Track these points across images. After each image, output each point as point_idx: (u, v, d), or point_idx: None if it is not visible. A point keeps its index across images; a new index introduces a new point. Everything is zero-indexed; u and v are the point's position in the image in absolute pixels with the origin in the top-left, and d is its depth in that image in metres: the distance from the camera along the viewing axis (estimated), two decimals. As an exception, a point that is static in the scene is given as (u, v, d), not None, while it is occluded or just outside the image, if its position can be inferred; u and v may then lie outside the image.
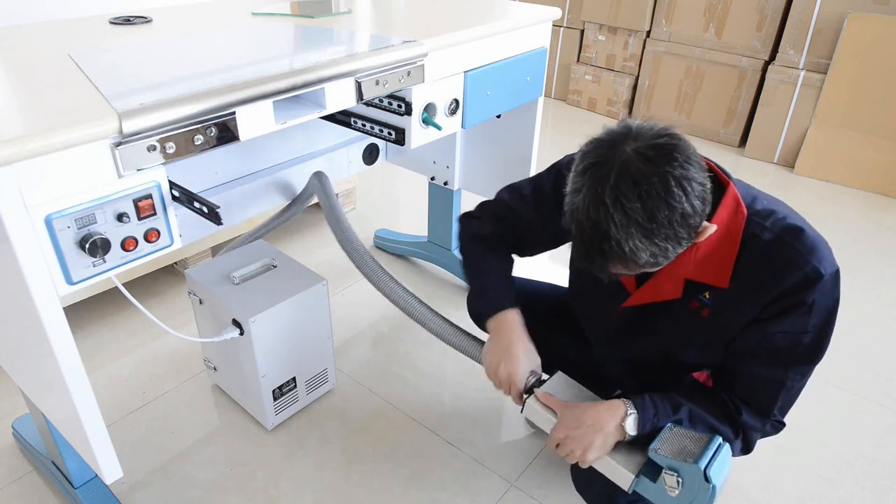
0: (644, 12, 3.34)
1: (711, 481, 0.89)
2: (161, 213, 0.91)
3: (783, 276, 0.89)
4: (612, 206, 0.78)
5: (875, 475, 1.47)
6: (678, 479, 0.92)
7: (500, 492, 1.40)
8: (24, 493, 1.37)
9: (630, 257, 0.81)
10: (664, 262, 0.85)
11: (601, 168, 0.81)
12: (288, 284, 1.44)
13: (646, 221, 0.78)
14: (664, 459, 0.93)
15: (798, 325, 0.91)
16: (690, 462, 0.90)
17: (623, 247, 0.80)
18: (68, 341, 0.85)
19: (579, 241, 0.84)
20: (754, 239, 0.91)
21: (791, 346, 0.93)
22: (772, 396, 0.97)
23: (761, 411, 0.98)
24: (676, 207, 0.78)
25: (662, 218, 0.78)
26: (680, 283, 0.97)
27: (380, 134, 1.35)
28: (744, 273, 0.92)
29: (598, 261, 0.84)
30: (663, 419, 0.98)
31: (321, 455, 1.48)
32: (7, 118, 0.81)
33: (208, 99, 0.91)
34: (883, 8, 2.69)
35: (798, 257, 0.89)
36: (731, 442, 0.98)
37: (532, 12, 1.51)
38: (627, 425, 0.97)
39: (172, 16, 1.47)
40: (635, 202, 0.78)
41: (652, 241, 0.80)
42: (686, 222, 0.80)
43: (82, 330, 1.84)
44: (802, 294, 0.89)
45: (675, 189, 0.78)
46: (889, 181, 2.78)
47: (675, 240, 0.81)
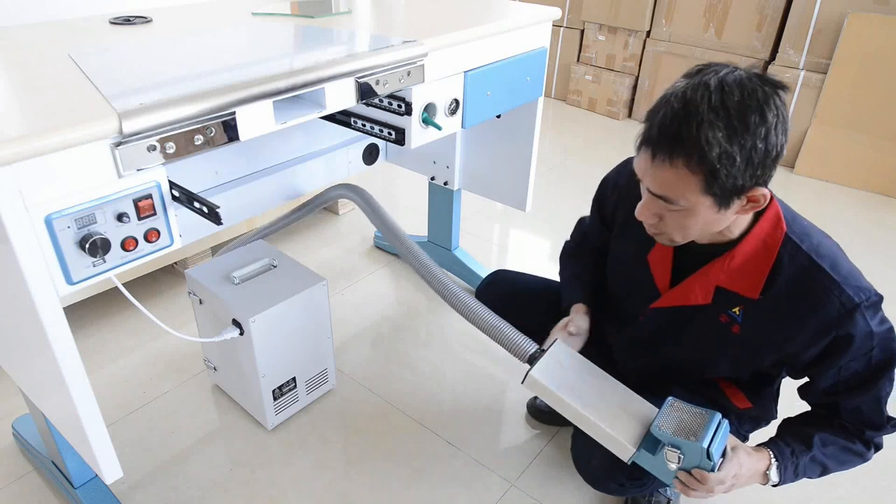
0: (644, 12, 3.34)
1: (713, 458, 0.92)
2: (161, 213, 0.91)
3: (818, 303, 0.91)
4: (714, 90, 0.79)
5: (875, 475, 1.46)
6: (680, 455, 0.93)
7: (500, 492, 1.40)
8: (24, 493, 1.37)
9: (701, 146, 0.79)
10: (717, 186, 0.82)
11: (709, 69, 0.83)
12: (288, 284, 1.44)
13: (736, 115, 0.79)
14: (667, 436, 0.94)
15: (862, 348, 0.93)
16: (693, 440, 0.92)
17: (703, 131, 0.79)
18: (68, 341, 0.85)
19: (659, 121, 0.83)
20: (789, 259, 0.93)
21: (867, 364, 0.95)
22: (878, 412, 0.99)
23: (876, 427, 1.01)
24: (768, 121, 0.80)
25: (752, 123, 0.79)
26: (711, 289, 0.99)
27: (380, 134, 1.35)
28: (776, 291, 0.94)
29: (668, 143, 0.82)
30: (801, 457, 1.01)
31: (321, 455, 1.48)
32: (7, 118, 0.81)
33: (208, 99, 0.91)
34: (883, 8, 2.69)
35: (832, 285, 0.90)
36: (865, 454, 1.02)
37: (532, 12, 1.51)
38: (771, 473, 1.01)
39: (172, 16, 1.47)
40: (735, 94, 0.79)
41: (730, 139, 0.79)
42: (766, 145, 0.80)
43: (82, 330, 1.84)
44: (847, 327, 0.91)
45: (773, 109, 0.80)
46: (889, 181, 2.78)
47: (746, 158, 0.80)
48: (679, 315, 1.05)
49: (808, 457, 1.01)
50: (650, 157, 0.85)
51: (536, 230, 2.47)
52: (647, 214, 0.92)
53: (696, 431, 0.93)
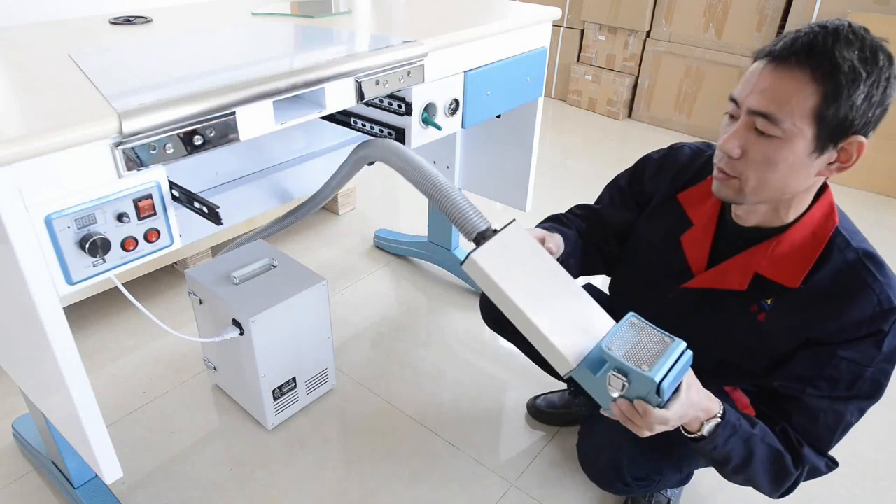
0: (644, 12, 3.34)
1: (663, 396, 0.80)
2: (161, 213, 0.91)
3: (855, 298, 0.88)
4: (853, 25, 0.80)
5: (875, 475, 1.46)
6: (625, 382, 0.81)
7: (500, 492, 1.40)
8: (24, 493, 1.37)
9: (832, 59, 0.78)
10: (838, 105, 0.79)
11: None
12: (288, 284, 1.44)
13: (869, 49, 0.79)
14: (615, 359, 0.81)
15: (865, 356, 0.89)
16: (645, 370, 0.79)
17: (839, 47, 0.78)
18: (68, 341, 0.85)
19: (794, 34, 0.82)
20: (837, 252, 0.90)
21: (851, 379, 0.91)
22: (831, 429, 0.94)
23: (820, 447, 0.96)
24: (894, 64, 0.80)
25: (881, 61, 0.79)
26: (749, 275, 0.95)
27: (380, 134, 1.35)
28: (817, 283, 0.91)
29: (801, 50, 0.80)
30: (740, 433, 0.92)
31: (321, 455, 1.48)
32: (7, 118, 0.81)
33: (208, 99, 0.91)
34: (883, 8, 2.69)
35: (875, 284, 0.88)
36: (790, 475, 0.95)
37: (532, 12, 1.51)
38: (706, 427, 0.90)
39: (172, 16, 1.47)
40: (871, 37, 0.80)
41: (860, 62, 0.78)
42: (885, 89, 0.80)
43: (82, 330, 1.84)
44: (876, 324, 0.88)
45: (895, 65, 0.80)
46: (889, 181, 2.78)
47: (867, 88, 0.79)
48: (709, 299, 1.02)
49: (748, 434, 0.93)
50: (770, 66, 0.82)
51: (536, 230, 2.46)
52: (733, 144, 0.85)
53: (650, 360, 0.81)
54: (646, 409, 0.81)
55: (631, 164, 1.21)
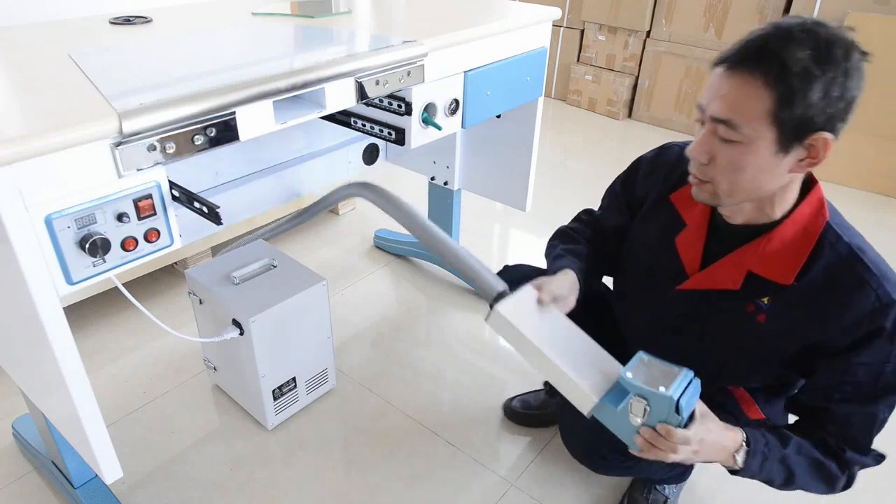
0: (644, 12, 3.34)
1: (682, 413, 0.85)
2: (161, 213, 0.91)
3: (853, 295, 0.87)
4: (807, 21, 0.80)
5: (875, 475, 1.46)
6: (647, 406, 0.87)
7: (500, 492, 1.40)
8: (24, 493, 1.37)
9: (785, 59, 0.78)
10: (793, 107, 0.79)
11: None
12: (288, 284, 1.44)
13: (823, 45, 0.78)
14: (635, 385, 0.87)
15: (879, 355, 0.89)
16: (664, 390, 0.85)
17: (789, 48, 0.78)
18: (68, 341, 0.85)
19: (745, 38, 0.82)
20: (829, 247, 0.89)
21: (874, 380, 0.90)
22: (867, 431, 0.95)
23: (860, 449, 0.96)
24: (852, 60, 0.79)
25: (837, 56, 0.78)
26: (742, 273, 0.95)
27: (380, 134, 1.35)
28: (811, 279, 0.90)
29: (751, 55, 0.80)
30: (773, 454, 0.94)
31: (321, 455, 1.48)
32: (7, 118, 0.81)
33: (208, 99, 0.91)
34: (883, 8, 2.69)
35: (870, 278, 0.87)
36: (838, 478, 0.96)
37: (532, 12, 1.51)
38: (738, 456, 0.93)
39: (172, 16, 1.47)
40: (826, 30, 0.79)
41: (814, 62, 0.77)
42: (843, 83, 0.79)
43: (82, 330, 1.84)
44: (879, 320, 0.87)
45: (856, 55, 0.80)
46: (889, 181, 2.78)
47: (824, 85, 0.78)
48: (705, 300, 1.01)
49: (780, 455, 0.94)
50: (725, 72, 0.83)
51: (536, 230, 2.47)
52: (701, 151, 0.87)
53: (665, 384, 0.86)
54: (668, 430, 0.85)
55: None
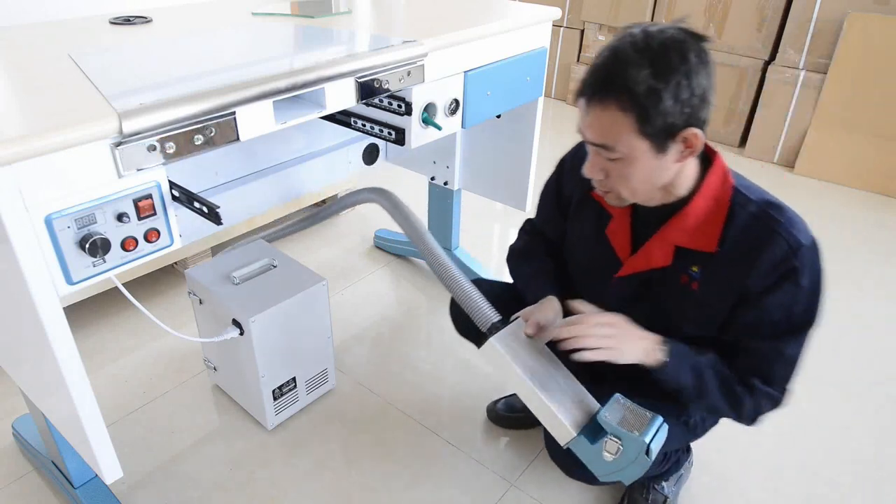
0: (644, 12, 3.34)
1: (651, 456, 0.93)
2: (161, 213, 0.91)
3: (766, 245, 0.94)
4: (638, 36, 0.86)
5: (875, 475, 1.47)
6: (619, 446, 0.95)
7: (500, 492, 1.40)
8: (24, 493, 1.37)
9: (628, 84, 0.85)
10: (651, 125, 0.86)
11: (638, 24, 0.90)
12: (288, 284, 1.44)
13: (659, 57, 0.84)
14: (611, 426, 0.95)
15: (789, 296, 0.96)
16: (636, 434, 0.94)
17: (630, 71, 0.84)
18: (68, 341, 0.85)
19: (591, 70, 0.90)
20: (740, 209, 0.97)
21: (787, 318, 0.97)
22: (772, 364, 1.01)
23: (765, 380, 1.02)
24: (689, 61, 0.84)
25: (674, 62, 0.84)
26: (670, 249, 1.02)
27: (380, 134, 1.35)
28: (730, 242, 0.97)
29: (599, 86, 0.88)
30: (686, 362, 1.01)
31: (321, 455, 1.48)
32: (7, 118, 0.81)
33: (208, 99, 0.91)
34: (883, 8, 2.69)
35: (778, 227, 0.94)
36: (741, 401, 1.01)
37: (532, 12, 1.51)
38: (660, 350, 1.00)
39: (172, 16, 1.47)
40: (656, 39, 0.85)
41: (655, 77, 0.84)
42: (689, 84, 0.85)
43: (82, 330, 1.84)
44: (789, 263, 0.94)
45: (694, 53, 0.85)
46: (889, 181, 2.78)
47: (672, 95, 0.85)
48: (643, 282, 1.08)
49: (695, 360, 1.01)
50: (585, 104, 0.91)
51: (536, 230, 2.46)
52: (594, 170, 0.97)
53: (638, 427, 0.95)
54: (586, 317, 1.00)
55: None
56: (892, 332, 1.93)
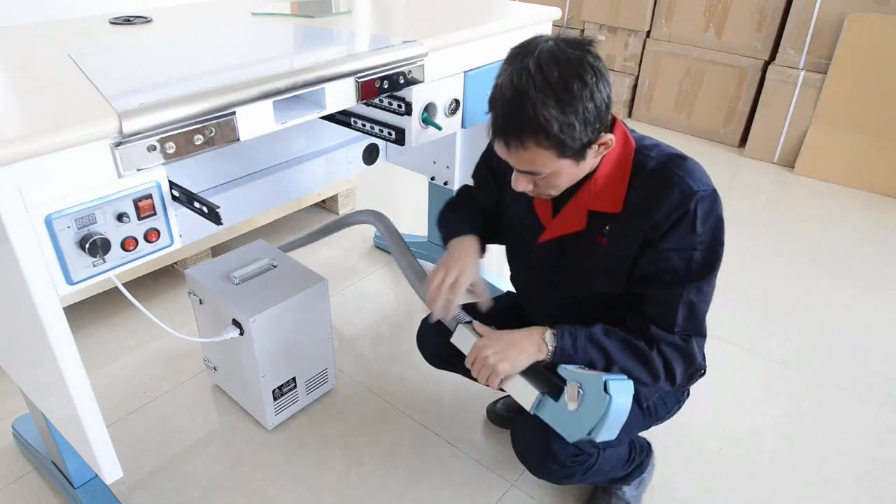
0: (644, 12, 3.34)
1: (609, 392, 0.94)
2: (161, 213, 0.91)
3: (662, 196, 0.98)
4: (535, 71, 0.88)
5: (875, 475, 1.47)
6: (579, 389, 0.97)
7: (500, 492, 1.40)
8: (24, 493, 1.37)
9: (543, 125, 0.88)
10: (568, 149, 0.92)
11: (525, 47, 0.92)
12: (288, 284, 1.44)
13: (561, 90, 0.87)
14: (570, 373, 0.99)
15: (685, 240, 0.98)
16: (593, 373, 0.97)
17: (539, 113, 0.88)
18: (68, 341, 0.85)
19: (500, 112, 0.93)
20: (641, 167, 1.01)
21: (686, 264, 1.00)
22: (672, 310, 1.02)
23: (666, 326, 1.03)
24: (588, 83, 0.88)
25: (576, 90, 0.88)
26: (583, 214, 1.06)
27: (380, 134, 1.35)
28: (633, 198, 1.01)
29: (514, 131, 0.92)
30: (579, 332, 1.03)
31: (321, 455, 1.48)
32: (7, 118, 0.82)
33: (208, 99, 0.91)
34: (883, 8, 2.69)
35: (674, 177, 0.98)
36: (648, 353, 1.02)
37: (532, 12, 1.51)
38: (548, 338, 1.03)
39: (172, 16, 1.47)
40: (554, 70, 0.88)
41: (563, 111, 0.88)
42: (595, 104, 0.89)
43: (82, 330, 1.84)
44: (683, 208, 0.97)
45: (589, 70, 0.88)
46: (889, 181, 2.78)
47: (583, 121, 0.89)
48: (564, 245, 1.12)
49: (588, 334, 1.03)
50: (505, 146, 0.95)
51: (536, 230, 2.46)
52: (522, 185, 1.02)
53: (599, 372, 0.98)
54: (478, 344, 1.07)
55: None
56: (892, 332, 1.93)
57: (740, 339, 1.87)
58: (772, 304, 2.05)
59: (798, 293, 2.11)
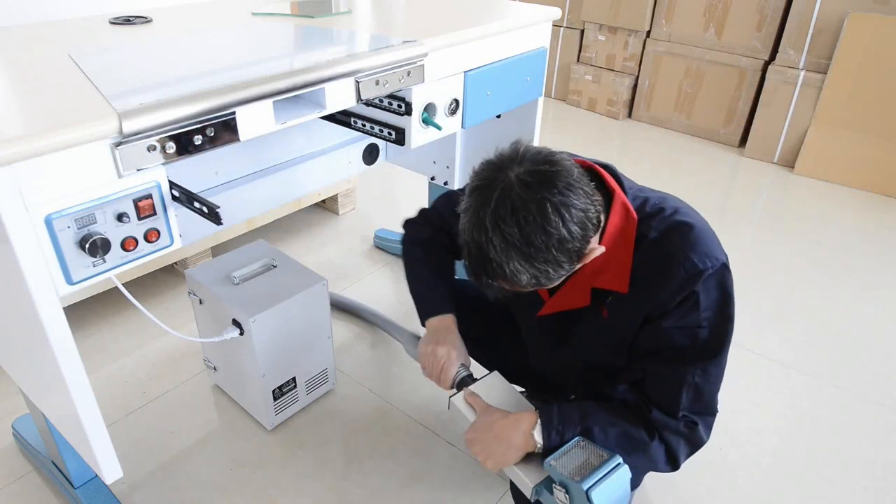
0: (644, 12, 3.34)
1: (593, 502, 0.89)
2: (161, 213, 0.91)
3: (666, 275, 0.92)
4: (492, 231, 0.82)
5: (875, 475, 1.47)
6: (566, 494, 0.92)
7: (500, 492, 1.40)
8: (24, 493, 1.37)
9: (511, 278, 0.84)
10: (548, 284, 0.88)
11: (485, 191, 0.84)
12: (288, 284, 1.44)
13: (523, 246, 0.81)
14: (556, 474, 0.93)
15: (689, 319, 0.93)
16: (577, 480, 0.90)
17: (504, 268, 0.83)
18: (68, 341, 0.85)
19: (467, 259, 0.88)
20: (643, 240, 0.94)
21: (691, 343, 0.94)
22: (675, 393, 0.96)
23: (669, 410, 0.97)
24: (553, 233, 0.81)
25: (539, 243, 0.81)
26: (586, 291, 1.00)
27: (380, 134, 1.35)
28: (636, 274, 0.95)
29: (484, 279, 0.88)
30: (570, 426, 0.98)
31: (321, 455, 1.48)
32: (7, 118, 0.81)
33: (208, 99, 0.91)
34: (883, 8, 2.69)
35: (677, 253, 0.92)
36: (648, 444, 0.97)
37: (532, 12, 1.51)
38: (536, 434, 0.98)
39: (172, 16, 1.47)
40: (513, 227, 0.81)
41: (531, 264, 0.83)
42: (564, 247, 0.83)
43: (82, 330, 1.84)
44: (686, 289, 0.91)
45: (552, 216, 0.81)
46: (889, 181, 2.78)
47: (555, 263, 0.84)
48: (566, 319, 1.08)
49: (580, 428, 0.98)
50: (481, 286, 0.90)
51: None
52: None
53: (584, 473, 0.91)
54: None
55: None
56: (892, 332, 1.93)
57: (740, 339, 1.87)
58: (772, 304, 2.05)
59: (798, 293, 2.11)
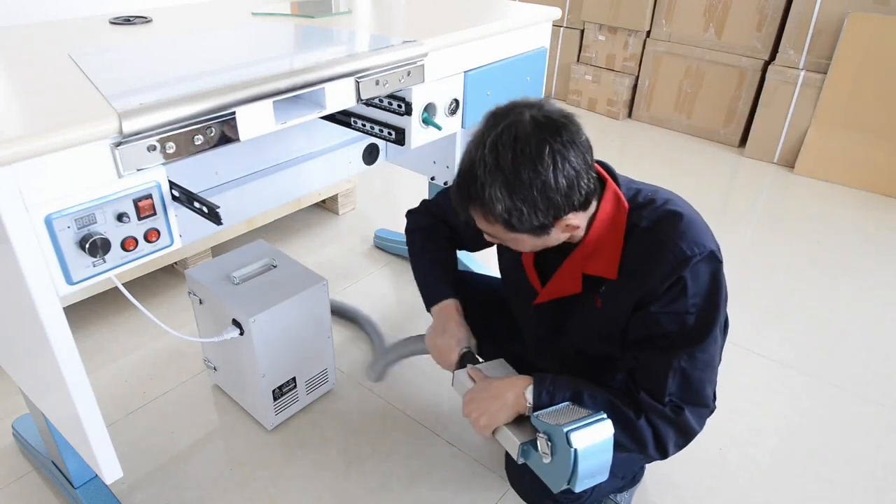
0: (644, 12, 3.34)
1: (572, 444, 0.89)
2: (161, 213, 0.91)
3: (655, 261, 0.94)
4: (488, 150, 0.86)
5: (875, 475, 1.47)
6: (548, 442, 0.93)
7: (500, 492, 1.40)
8: (24, 493, 1.37)
9: (488, 203, 0.87)
10: (517, 226, 0.89)
11: (498, 118, 0.89)
12: (288, 284, 1.44)
13: (510, 174, 0.84)
14: (540, 423, 0.95)
15: (677, 304, 0.94)
16: (558, 425, 0.91)
17: (486, 190, 0.86)
18: (68, 341, 0.85)
19: (457, 173, 0.92)
20: (634, 229, 0.97)
21: (678, 328, 0.95)
22: (662, 377, 0.97)
23: (655, 394, 0.98)
24: (541, 173, 0.84)
25: (525, 178, 0.84)
26: (578, 278, 1.03)
27: (380, 134, 1.35)
28: (627, 262, 0.97)
29: (463, 200, 0.91)
30: (560, 390, 1.00)
31: (321, 455, 1.48)
32: (7, 118, 0.82)
33: (208, 99, 0.91)
34: (883, 8, 2.69)
35: (667, 241, 0.93)
36: (634, 422, 0.97)
37: (532, 12, 1.51)
38: (527, 393, 1.01)
39: (172, 16, 1.47)
40: (508, 153, 0.84)
41: (510, 195, 0.85)
42: (545, 193, 0.85)
43: (82, 330, 1.84)
44: (675, 275, 0.93)
45: (547, 157, 0.84)
46: (889, 181, 2.78)
47: (532, 206, 0.86)
48: (560, 307, 1.09)
49: (570, 393, 0.99)
50: (461, 208, 0.93)
51: (536, 230, 2.46)
52: (491, 238, 0.99)
53: (567, 420, 0.92)
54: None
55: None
56: (892, 332, 1.93)
57: (740, 339, 1.87)
58: (772, 304, 2.05)
59: (798, 293, 2.11)
